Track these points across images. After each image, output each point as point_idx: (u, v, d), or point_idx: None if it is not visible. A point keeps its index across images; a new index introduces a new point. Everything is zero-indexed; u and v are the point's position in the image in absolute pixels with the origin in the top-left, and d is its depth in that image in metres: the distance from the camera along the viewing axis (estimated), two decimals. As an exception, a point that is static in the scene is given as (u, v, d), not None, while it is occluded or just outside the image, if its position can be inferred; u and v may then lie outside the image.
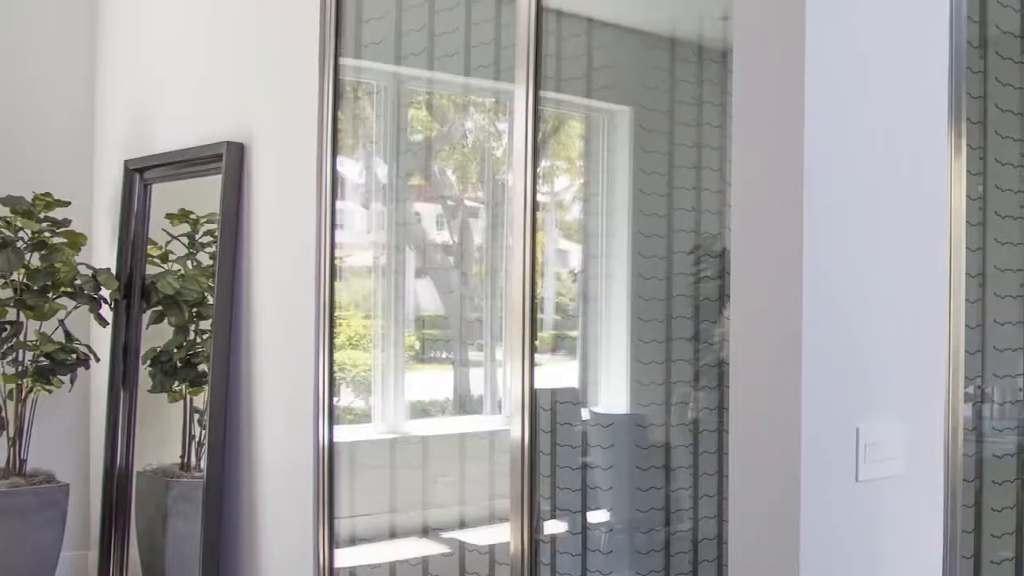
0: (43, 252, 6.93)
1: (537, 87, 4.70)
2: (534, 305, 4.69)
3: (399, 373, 6.12)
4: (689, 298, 5.05)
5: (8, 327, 6.87)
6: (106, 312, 7.13)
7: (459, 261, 6.20)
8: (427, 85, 6.14)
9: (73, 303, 6.98)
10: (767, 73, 3.20)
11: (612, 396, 5.60)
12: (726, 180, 4.56)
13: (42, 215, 6.95)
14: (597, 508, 5.42)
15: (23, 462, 7.01)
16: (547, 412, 5.10)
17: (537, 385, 4.76)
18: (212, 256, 6.63)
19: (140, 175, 7.28)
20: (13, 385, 6.92)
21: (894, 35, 3.35)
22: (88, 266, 7.12)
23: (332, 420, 5.74)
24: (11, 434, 6.96)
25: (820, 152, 3.11)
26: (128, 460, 7.17)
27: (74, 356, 7.01)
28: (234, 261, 6.27)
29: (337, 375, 5.86)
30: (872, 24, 3.28)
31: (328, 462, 5.70)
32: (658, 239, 5.18)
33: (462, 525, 5.80)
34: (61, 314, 6.98)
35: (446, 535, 5.83)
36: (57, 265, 6.87)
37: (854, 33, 3.23)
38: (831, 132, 3.15)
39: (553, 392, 5.27)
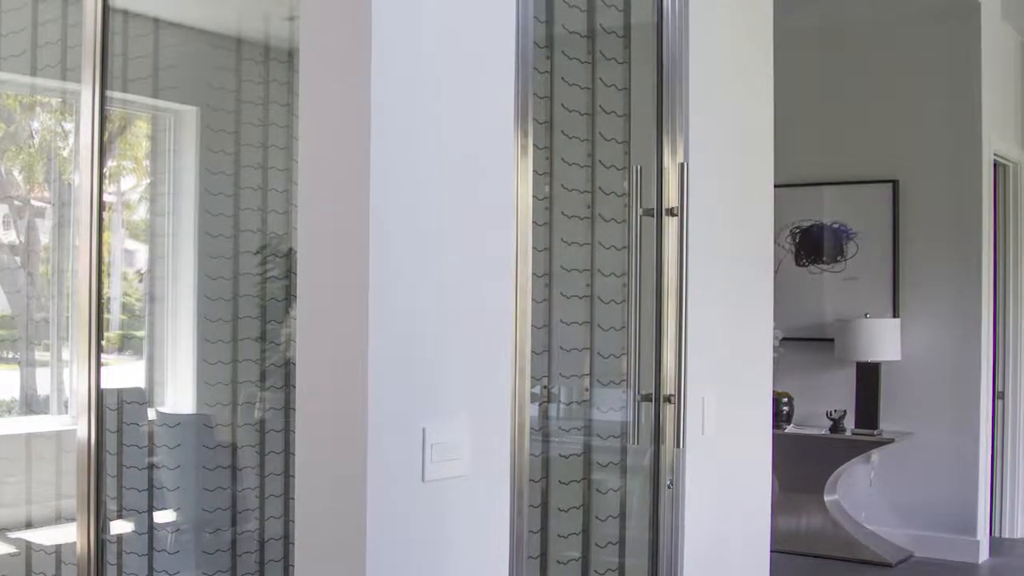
0: None
1: (104, 87, 4.50)
2: (100, 305, 4.49)
3: (-36, 373, 5.83)
4: (256, 298, 4.98)
5: None
6: None
7: (26, 261, 6.02)
8: (-8, 85, 5.83)
9: None
10: (333, 73, 3.06)
11: (179, 396, 5.53)
12: (293, 180, 4.47)
13: None
14: (164, 508, 5.26)
15: None
16: (114, 412, 4.92)
17: (104, 385, 4.54)
18: None
19: None
20: None
21: (461, 35, 3.23)
22: None
23: None
24: None
25: (387, 152, 2.98)
26: None
27: None
28: None
29: (-100, 376, 5.56)
30: (439, 24, 3.16)
31: None
32: (225, 239, 5.03)
33: (29, 525, 5.60)
34: None
35: (12, 535, 5.61)
36: None
37: (420, 34, 3.10)
38: (398, 133, 3.02)
39: (120, 392, 5.09)
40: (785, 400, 8.67)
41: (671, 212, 4.12)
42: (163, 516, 5.25)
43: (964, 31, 8.41)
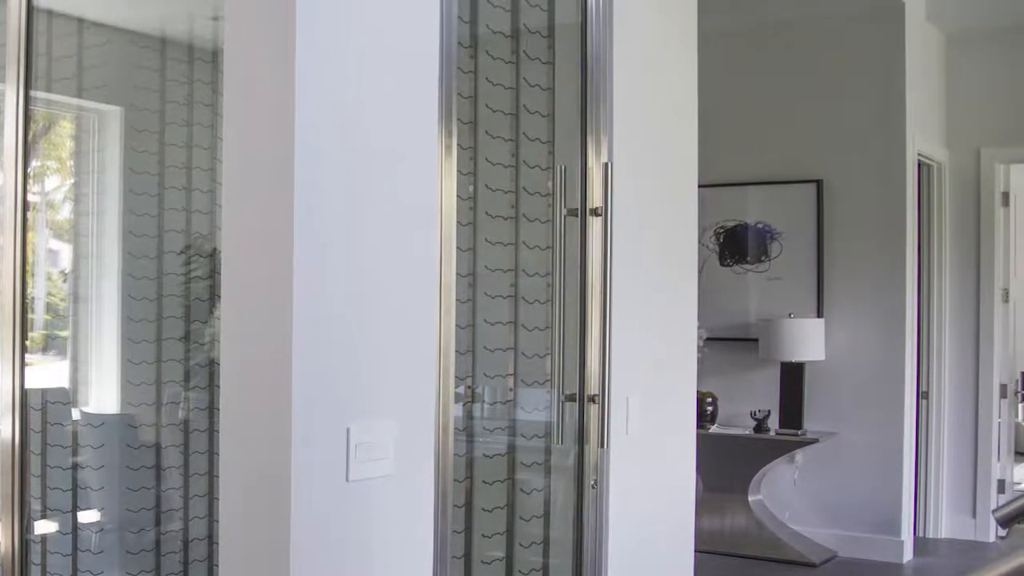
0: None
1: (28, 86, 4.49)
2: (24, 305, 4.48)
3: None
4: (180, 298, 4.95)
5: None
6: None
7: (-52, 261, 5.92)
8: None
9: None
10: (258, 73, 3.06)
11: (103, 396, 5.48)
12: (217, 180, 4.46)
13: None
14: (88, 508, 5.22)
15: None
16: (38, 412, 4.91)
17: (28, 385, 4.54)
18: None
19: None
20: None
21: (385, 35, 3.24)
22: None
23: None
24: None
25: (311, 152, 2.98)
26: None
27: None
28: None
29: None
30: (364, 25, 3.16)
31: None
32: (149, 239, 5.00)
33: (-49, 526, 5.48)
34: None
35: (-66, 537, 5.49)
36: None
37: (346, 34, 3.11)
38: (322, 132, 3.02)
39: (44, 392, 5.09)
40: (709, 400, 8.71)
41: (595, 212, 4.14)
42: (87, 516, 5.21)
43: (888, 31, 8.49)
